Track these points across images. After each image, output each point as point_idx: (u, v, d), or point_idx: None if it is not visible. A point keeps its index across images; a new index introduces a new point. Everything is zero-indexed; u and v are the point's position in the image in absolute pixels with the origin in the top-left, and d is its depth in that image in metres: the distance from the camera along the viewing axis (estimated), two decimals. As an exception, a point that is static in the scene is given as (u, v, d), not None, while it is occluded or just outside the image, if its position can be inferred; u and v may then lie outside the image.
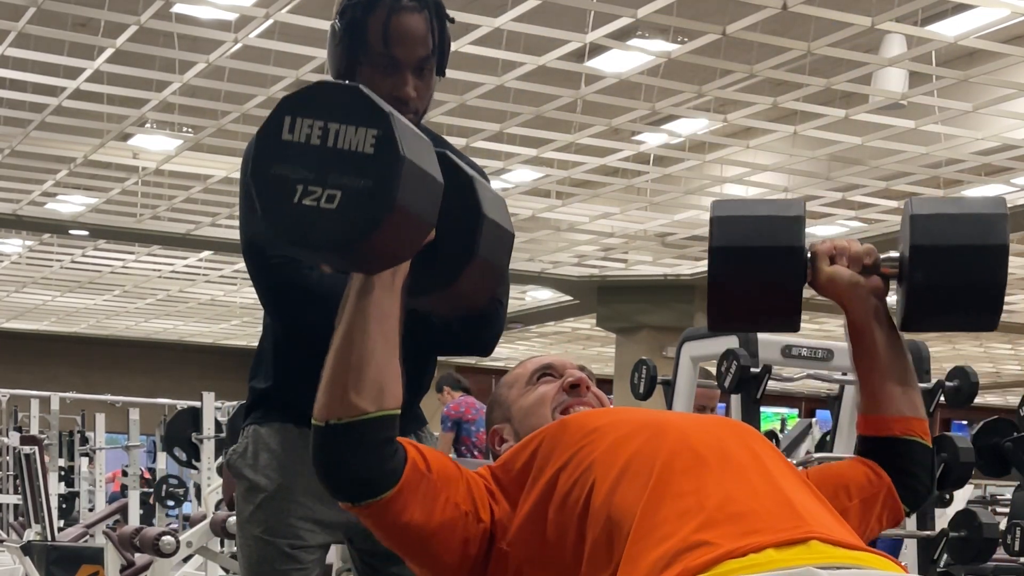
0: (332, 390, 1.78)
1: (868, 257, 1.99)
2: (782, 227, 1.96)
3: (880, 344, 2.02)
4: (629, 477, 1.77)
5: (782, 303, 1.99)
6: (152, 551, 6.23)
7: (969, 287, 1.91)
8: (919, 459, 2.06)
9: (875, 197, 11.33)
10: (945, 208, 1.94)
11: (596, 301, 15.52)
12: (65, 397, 12.36)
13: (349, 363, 1.77)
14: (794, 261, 1.96)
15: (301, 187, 1.63)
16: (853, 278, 1.99)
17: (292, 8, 7.62)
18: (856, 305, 2.01)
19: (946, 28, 7.87)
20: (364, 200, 1.62)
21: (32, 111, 9.96)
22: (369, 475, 1.79)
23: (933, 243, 1.91)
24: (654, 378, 4.38)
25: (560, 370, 2.12)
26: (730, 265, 1.99)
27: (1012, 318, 17.08)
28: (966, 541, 3.98)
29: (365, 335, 1.77)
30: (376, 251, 1.69)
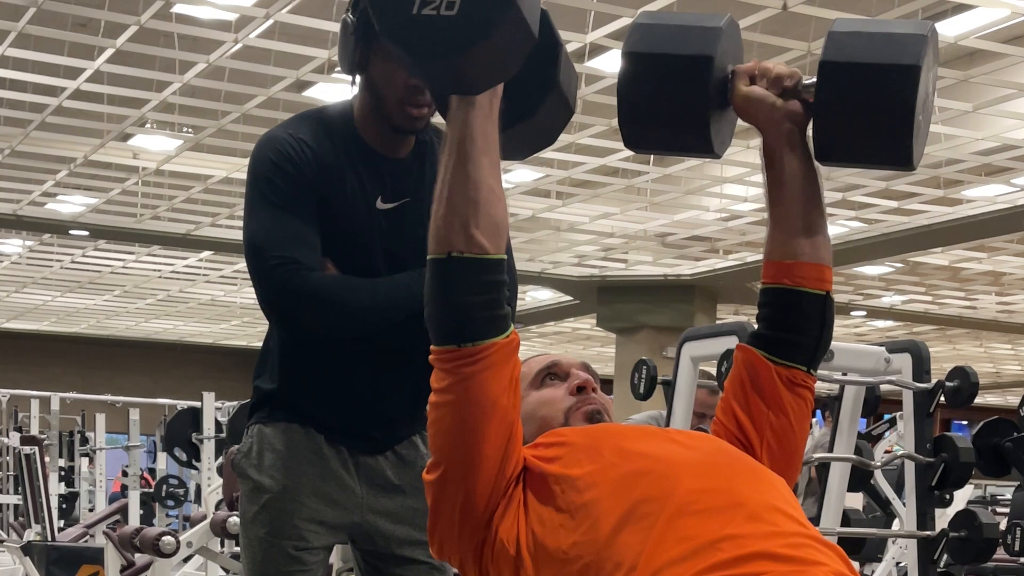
0: (452, 221, 1.75)
1: (789, 80, 1.93)
2: (696, 35, 1.89)
3: (789, 172, 1.95)
4: (638, 516, 1.74)
5: (691, 118, 1.90)
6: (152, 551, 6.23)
7: (877, 107, 1.83)
8: (806, 310, 1.97)
9: (875, 197, 11.33)
10: (864, 27, 1.87)
11: (596, 301, 15.51)
12: (65, 397, 12.37)
13: (466, 194, 1.75)
14: (703, 72, 1.88)
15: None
16: (769, 99, 1.92)
17: (292, 8, 7.62)
18: (770, 128, 1.94)
19: (946, 28, 7.87)
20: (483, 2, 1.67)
21: (32, 111, 9.96)
22: (484, 314, 1.77)
23: (843, 59, 1.84)
24: (654, 378, 4.37)
25: (565, 369, 2.09)
26: (639, 71, 1.90)
27: (1012, 318, 17.09)
28: (966, 541, 3.99)
29: (476, 164, 1.76)
30: (490, 58, 1.72)
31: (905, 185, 10.83)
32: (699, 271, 14.44)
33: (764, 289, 2.02)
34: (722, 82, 1.91)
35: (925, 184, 10.82)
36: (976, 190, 11.08)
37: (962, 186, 10.96)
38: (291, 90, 9.24)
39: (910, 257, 13.62)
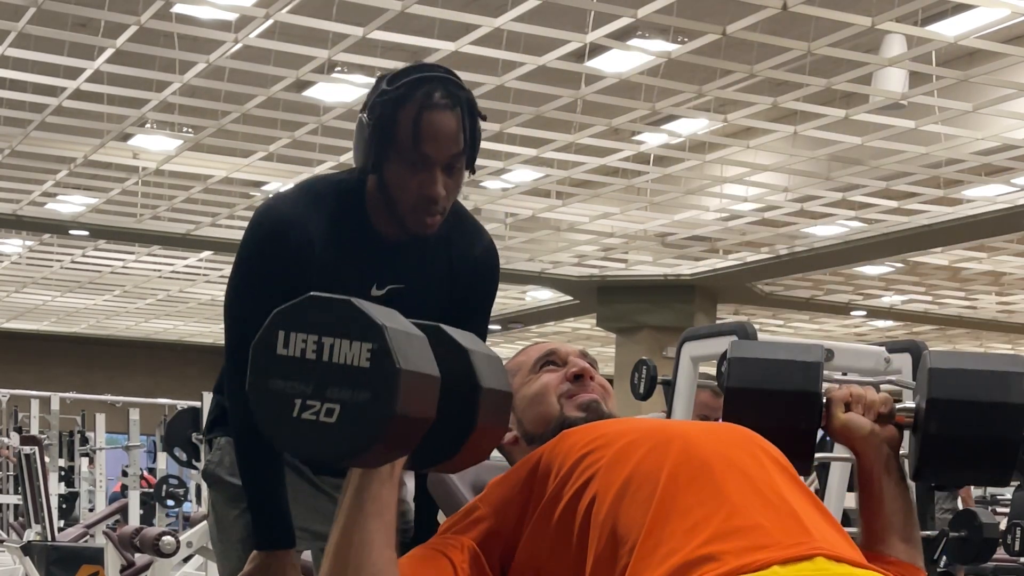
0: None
1: (884, 406, 2.00)
2: (798, 372, 1.98)
3: (888, 494, 2.02)
4: (633, 490, 1.76)
5: (795, 446, 1.97)
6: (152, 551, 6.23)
7: (984, 443, 1.92)
8: None
9: (875, 197, 11.33)
10: (964, 363, 1.94)
11: (596, 301, 15.51)
12: (65, 397, 12.38)
13: (348, 560, 1.77)
14: (808, 406, 1.98)
15: (299, 401, 1.65)
16: (867, 427, 1.99)
17: (292, 8, 7.62)
18: (868, 453, 2.01)
19: (946, 28, 7.87)
20: (363, 413, 1.63)
21: (32, 111, 9.96)
22: None
23: (950, 397, 1.91)
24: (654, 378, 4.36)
25: (563, 357, 2.11)
26: (745, 406, 1.98)
27: (1012, 318, 17.08)
28: (966, 541, 3.98)
29: (364, 532, 1.77)
30: (378, 456, 1.72)
31: (905, 185, 10.84)
32: (699, 271, 14.44)
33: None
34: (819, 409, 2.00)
35: (925, 184, 10.82)
36: (976, 190, 11.08)
37: (962, 186, 10.96)
38: (291, 90, 9.24)
39: (910, 257, 13.62)
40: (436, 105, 2.37)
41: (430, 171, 2.37)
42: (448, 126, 2.38)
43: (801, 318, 17.67)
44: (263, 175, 11.66)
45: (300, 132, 10.00)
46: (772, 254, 13.46)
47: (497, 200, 12.10)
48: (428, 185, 2.37)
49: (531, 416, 2.00)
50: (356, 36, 7.96)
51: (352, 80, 9.03)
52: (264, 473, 2.49)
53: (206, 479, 2.68)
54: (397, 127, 2.38)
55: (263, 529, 2.48)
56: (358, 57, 8.48)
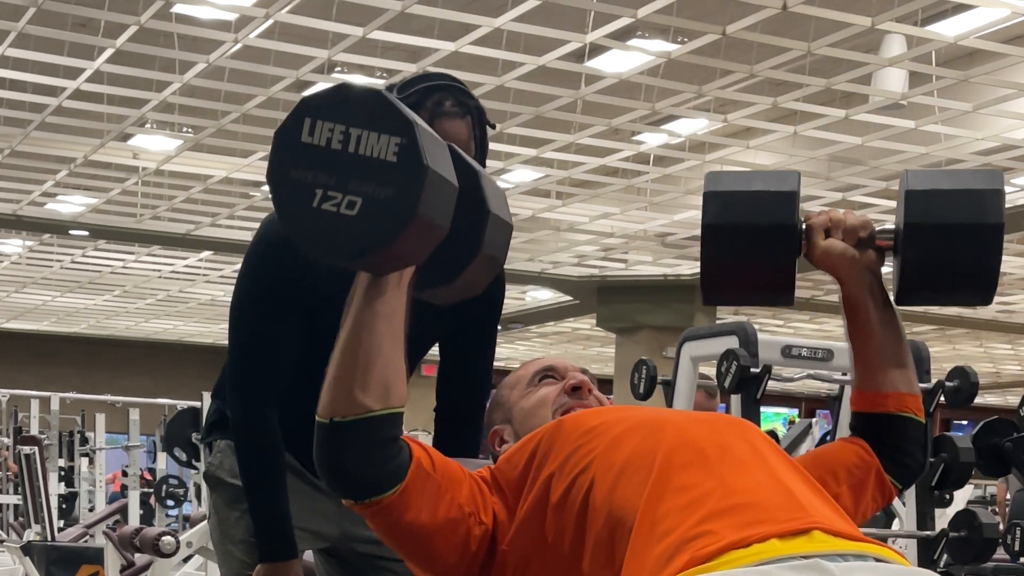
0: (338, 387, 1.77)
1: (863, 230, 1.97)
2: (775, 203, 1.93)
3: (874, 318, 2.01)
4: (629, 473, 1.77)
5: (775, 278, 1.95)
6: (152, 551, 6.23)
7: (963, 265, 1.89)
8: (912, 435, 2.05)
9: (875, 197, 11.33)
10: (941, 183, 1.91)
11: (596, 301, 15.51)
12: (65, 397, 12.37)
13: (356, 361, 1.76)
14: (787, 237, 1.93)
15: (320, 191, 1.62)
16: (847, 251, 1.97)
17: (292, 8, 7.62)
18: (850, 278, 1.99)
19: (946, 28, 7.87)
20: (385, 209, 1.60)
21: (32, 111, 9.96)
22: (373, 473, 1.78)
23: (927, 221, 1.89)
24: (654, 378, 4.37)
25: (562, 372, 2.12)
26: (722, 242, 1.94)
27: (1012, 318, 17.08)
28: (966, 541, 3.98)
29: (373, 333, 1.76)
30: (393, 257, 1.69)
31: (905, 185, 10.83)
32: (699, 271, 14.42)
33: (863, 414, 2.07)
34: (797, 239, 1.96)
35: (925, 184, 10.81)
36: (976, 190, 11.07)
37: (962, 186, 10.96)
38: (291, 90, 9.24)
39: (910, 257, 13.61)
40: (447, 113, 2.39)
41: None
42: (460, 134, 2.39)
43: (801, 318, 17.67)
44: (263, 175, 11.57)
45: (300, 132, 9.99)
46: (772, 254, 13.45)
47: (497, 200, 12.09)
48: None
49: (528, 428, 2.01)
50: (356, 36, 7.96)
51: (352, 80, 9.03)
52: (267, 483, 2.49)
53: (207, 481, 2.68)
54: None
55: (267, 541, 2.49)
56: (358, 57, 8.49)
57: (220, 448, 2.66)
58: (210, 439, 2.70)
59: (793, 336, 15.40)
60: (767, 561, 1.60)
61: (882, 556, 1.65)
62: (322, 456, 1.79)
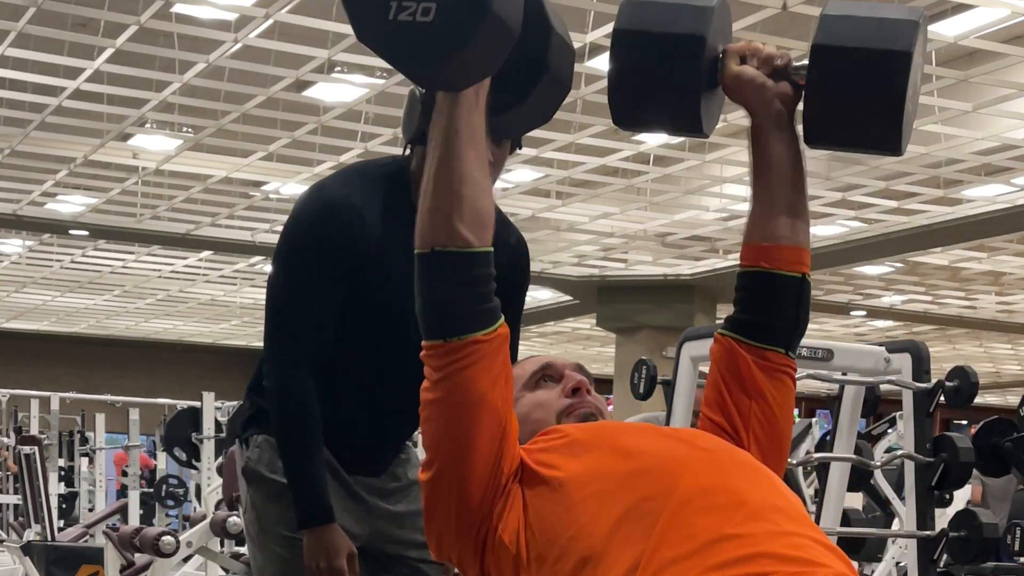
0: (435, 216, 1.76)
1: (780, 60, 1.92)
2: (689, 14, 1.88)
3: (775, 153, 1.96)
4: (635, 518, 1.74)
5: (682, 97, 1.90)
6: (152, 551, 6.23)
7: (868, 96, 1.83)
8: (783, 292, 1.97)
9: (875, 197, 11.33)
10: (856, 11, 1.86)
11: (596, 301, 15.51)
12: (65, 397, 12.38)
13: (451, 188, 1.76)
14: (694, 50, 1.87)
15: (395, 3, 1.65)
16: (758, 78, 1.92)
17: (292, 8, 7.62)
18: (759, 108, 1.94)
19: (946, 28, 7.87)
20: (459, 10, 1.64)
21: (32, 111, 9.96)
22: (470, 309, 1.77)
23: (834, 43, 1.84)
24: (654, 378, 4.37)
25: (559, 371, 2.08)
26: (631, 50, 1.90)
27: (1012, 318, 17.08)
28: (966, 541, 3.98)
29: (461, 158, 1.76)
30: (469, 62, 1.71)
31: (905, 185, 10.84)
32: (699, 271, 14.44)
33: (741, 272, 2.01)
34: (712, 61, 1.91)
35: (925, 184, 10.82)
36: (976, 190, 11.08)
37: (962, 186, 10.96)
38: (291, 90, 9.24)
39: (910, 257, 13.62)
40: None
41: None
42: None
43: (801, 318, 17.64)
44: (263, 175, 11.66)
45: (300, 132, 10.00)
46: (772, 254, 13.45)
47: (497, 200, 12.03)
48: None
49: (527, 432, 1.98)
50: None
51: (352, 80, 9.03)
52: (305, 449, 2.53)
53: (245, 476, 2.70)
54: None
55: (310, 508, 2.53)
56: (358, 57, 8.48)
57: (258, 443, 2.68)
58: (247, 434, 2.72)
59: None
60: None
61: None
62: (424, 285, 1.78)
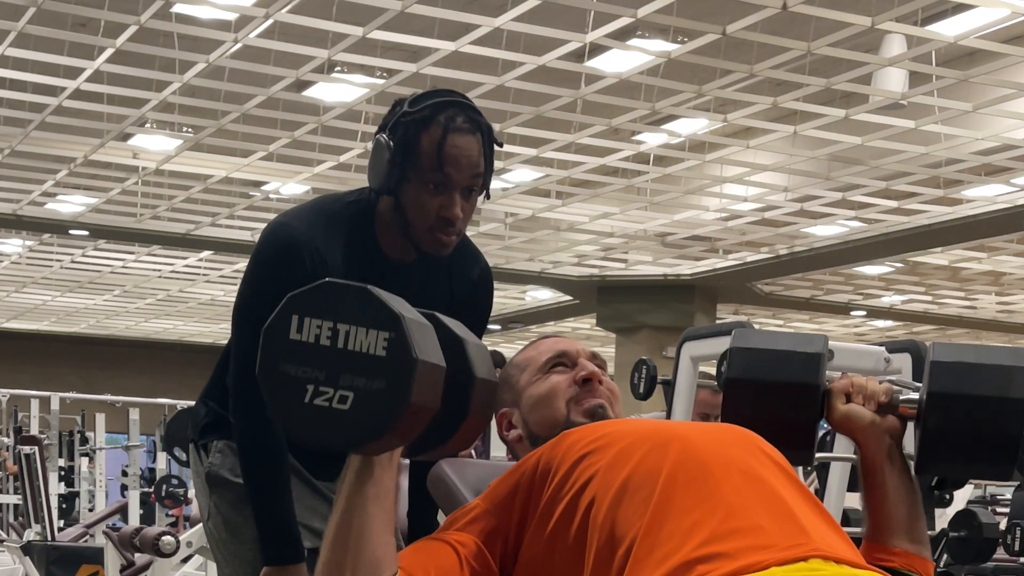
0: (331, 571, 1.79)
1: (885, 396, 1.98)
2: (799, 363, 1.96)
3: (891, 484, 2.00)
4: (631, 492, 1.76)
5: (795, 437, 1.97)
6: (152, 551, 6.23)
7: (985, 437, 1.90)
8: None
9: (875, 197, 11.33)
10: (966, 356, 1.93)
11: (596, 301, 15.51)
12: (65, 397, 12.36)
13: (348, 545, 1.78)
14: (809, 398, 1.95)
15: (312, 387, 1.65)
16: (868, 417, 1.97)
17: (292, 8, 7.62)
18: (870, 443, 1.99)
19: (946, 28, 7.87)
20: (378, 401, 1.64)
21: (32, 111, 9.96)
22: None
23: (951, 391, 1.90)
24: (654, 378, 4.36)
25: (573, 358, 2.10)
26: (745, 397, 1.97)
27: (1012, 318, 17.08)
28: (966, 541, 3.98)
29: (364, 515, 1.78)
30: (387, 444, 1.73)
31: (905, 185, 10.84)
32: (699, 271, 14.44)
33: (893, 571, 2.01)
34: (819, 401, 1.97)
35: (925, 184, 10.81)
36: (976, 190, 11.08)
37: (962, 186, 10.96)
38: (291, 90, 9.24)
39: (910, 257, 13.62)
40: (460, 128, 2.40)
41: (450, 193, 2.40)
42: (471, 150, 2.41)
43: (801, 318, 17.66)
44: (263, 175, 11.66)
45: (300, 132, 10.00)
46: (772, 254, 13.46)
47: (497, 200, 12.09)
48: (447, 207, 2.40)
49: (537, 418, 2.00)
50: (356, 36, 7.96)
51: (352, 80, 9.03)
52: (273, 488, 2.50)
53: (209, 482, 2.67)
54: (420, 148, 2.40)
55: (273, 546, 2.49)
56: (358, 57, 8.48)
57: (219, 448, 2.65)
58: (205, 440, 2.69)
59: (793, 336, 14.97)
60: None
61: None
62: None
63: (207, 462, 2.68)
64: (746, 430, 1.91)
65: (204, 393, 2.75)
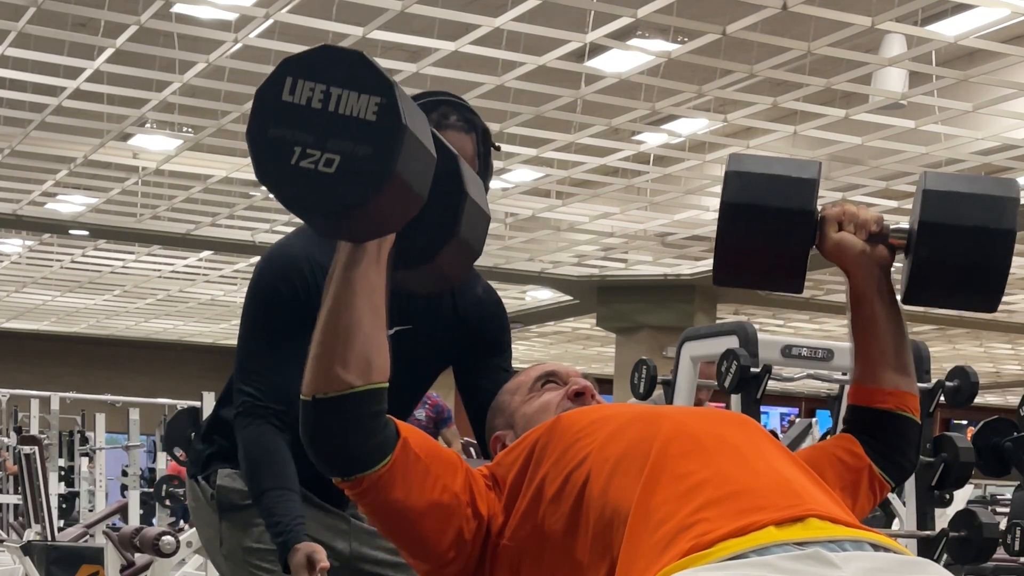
0: (319, 364, 1.78)
1: (876, 225, 1.98)
2: (795, 188, 1.95)
3: (880, 314, 2.02)
4: (625, 465, 1.77)
5: (787, 264, 1.97)
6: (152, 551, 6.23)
7: (973, 268, 1.91)
8: (909, 435, 2.06)
9: (875, 197, 11.33)
10: (958, 186, 1.93)
11: (596, 301, 15.52)
12: (65, 397, 12.36)
13: (336, 336, 1.77)
14: (803, 223, 1.94)
15: (299, 149, 1.65)
16: (859, 245, 1.98)
17: (292, 8, 7.62)
18: (859, 273, 2.00)
19: (946, 28, 7.87)
20: (363, 167, 1.63)
21: (32, 111, 9.96)
22: (358, 449, 1.79)
23: (942, 221, 1.91)
24: (654, 378, 4.37)
25: (564, 377, 2.12)
26: (740, 221, 1.95)
27: (1012, 318, 17.08)
28: (966, 541, 3.98)
29: (352, 307, 1.76)
30: (369, 218, 1.70)
31: (905, 185, 10.83)
32: (699, 271, 14.44)
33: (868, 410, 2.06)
34: (813, 228, 1.97)
35: (925, 184, 10.81)
36: (976, 190, 11.07)
37: (962, 186, 10.95)
38: (291, 90, 9.23)
39: (910, 257, 13.61)
40: (453, 126, 2.40)
41: None
42: (464, 149, 2.41)
43: (801, 318, 17.67)
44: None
45: (300, 132, 10.00)
46: (772, 254, 13.45)
47: (497, 200, 12.09)
48: None
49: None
50: (356, 36, 7.96)
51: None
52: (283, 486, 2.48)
53: (220, 507, 2.65)
54: None
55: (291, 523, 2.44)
56: (358, 57, 8.48)
57: (226, 474, 2.64)
58: (208, 472, 2.68)
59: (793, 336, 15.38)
60: (765, 548, 1.60)
61: (878, 542, 1.66)
62: (307, 433, 1.80)
63: (213, 488, 2.66)
64: (735, 412, 1.93)
65: (204, 433, 2.74)
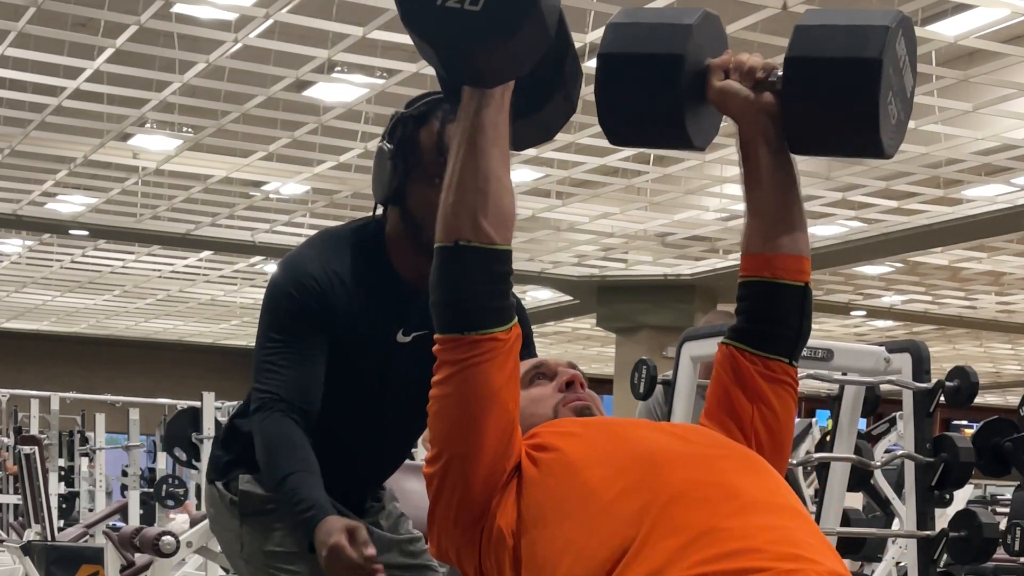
0: (459, 210, 1.79)
1: (762, 72, 1.92)
2: (666, 33, 1.90)
3: (765, 163, 1.95)
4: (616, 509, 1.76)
5: (664, 112, 1.91)
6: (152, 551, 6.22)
7: (841, 103, 1.84)
8: (786, 302, 1.97)
9: (875, 197, 11.33)
10: (830, 19, 1.87)
11: (596, 301, 15.51)
12: (65, 397, 12.37)
13: (476, 185, 1.80)
14: (670, 67, 1.88)
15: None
16: (742, 92, 1.91)
17: (292, 8, 7.62)
18: (745, 120, 1.93)
19: (946, 28, 7.87)
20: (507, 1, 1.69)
21: (32, 111, 9.96)
22: (492, 304, 1.79)
23: (805, 54, 1.84)
24: (654, 378, 4.37)
25: (552, 369, 2.10)
26: (612, 72, 1.93)
27: (1012, 318, 17.08)
28: (966, 541, 3.98)
29: (486, 155, 1.81)
30: (509, 55, 1.75)
31: (905, 185, 10.83)
32: (699, 271, 14.44)
33: (744, 282, 2.01)
34: (699, 76, 1.92)
35: (925, 184, 10.81)
36: (976, 190, 11.08)
37: (962, 186, 10.96)
38: (291, 90, 9.24)
39: (910, 257, 13.62)
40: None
41: None
42: None
43: (801, 318, 17.65)
44: (263, 175, 11.66)
45: (300, 132, 10.01)
46: (772, 254, 13.45)
47: (497, 200, 12.10)
48: None
49: (524, 427, 1.99)
50: (356, 36, 7.96)
51: (352, 80, 9.03)
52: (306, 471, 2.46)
53: (242, 511, 2.63)
54: (420, 144, 2.43)
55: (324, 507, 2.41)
56: (358, 57, 8.48)
57: (247, 479, 2.63)
58: (228, 478, 2.67)
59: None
60: None
61: None
62: (445, 276, 1.79)
63: (233, 495, 2.65)
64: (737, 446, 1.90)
65: (222, 440, 2.74)
